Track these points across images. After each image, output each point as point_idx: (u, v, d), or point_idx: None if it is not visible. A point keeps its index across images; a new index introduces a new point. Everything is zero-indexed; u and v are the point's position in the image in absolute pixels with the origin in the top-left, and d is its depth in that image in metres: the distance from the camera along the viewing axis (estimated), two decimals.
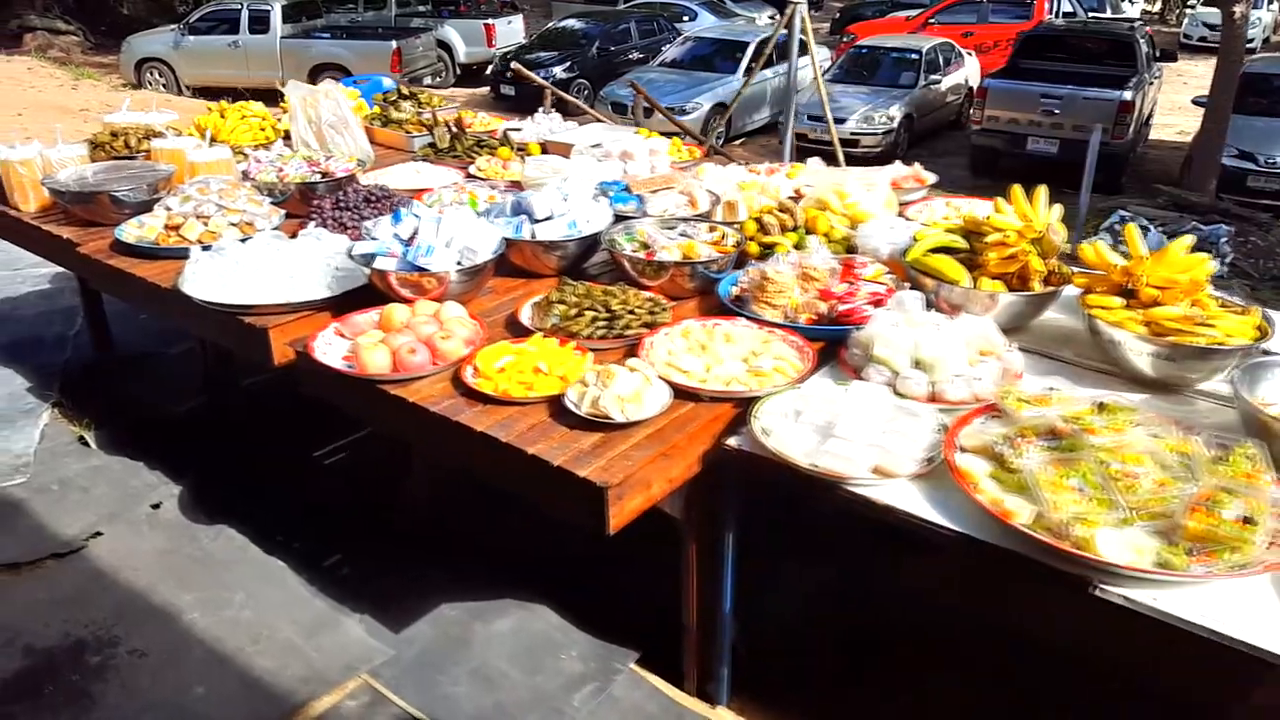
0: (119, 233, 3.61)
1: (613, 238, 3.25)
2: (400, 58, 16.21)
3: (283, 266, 3.18)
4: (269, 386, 4.46)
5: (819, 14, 28.56)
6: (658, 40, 18.78)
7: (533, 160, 4.07)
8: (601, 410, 2.34)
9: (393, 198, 3.76)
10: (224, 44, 16.18)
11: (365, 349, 2.62)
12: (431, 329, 2.77)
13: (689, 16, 21.19)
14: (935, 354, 2.49)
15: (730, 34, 16.48)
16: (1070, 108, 12.42)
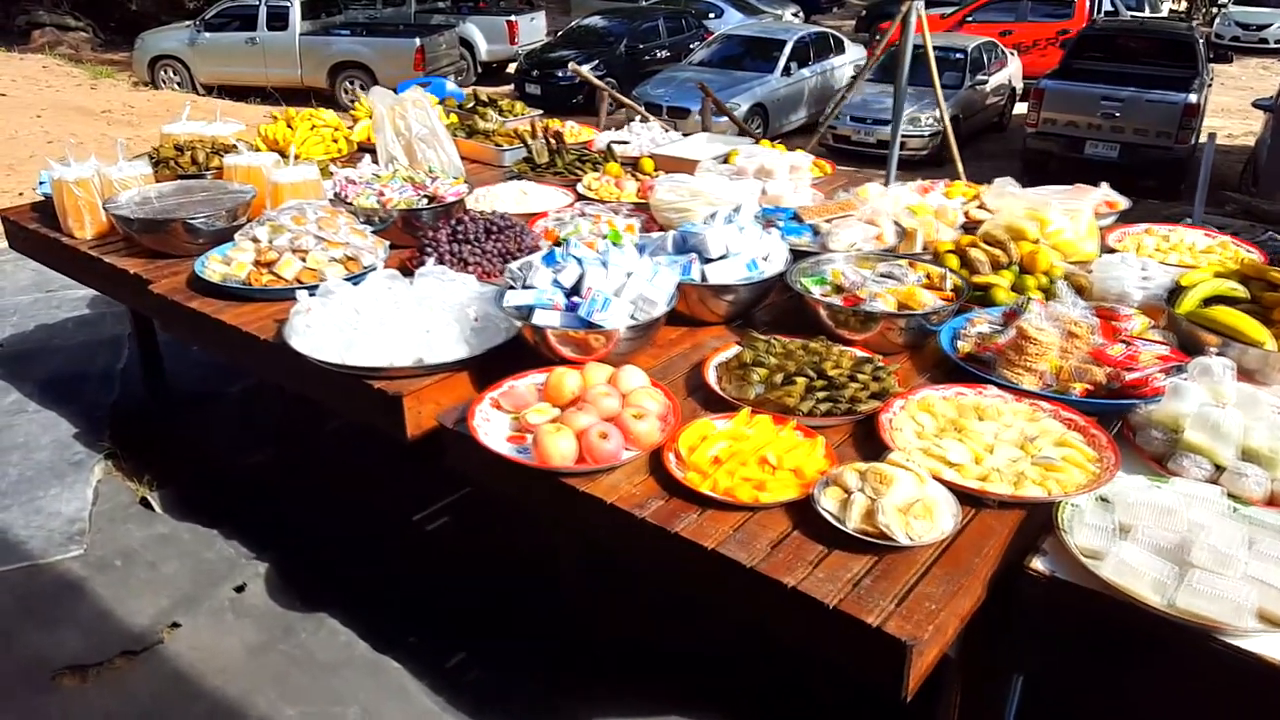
0: (199, 268, 3.09)
1: (800, 280, 2.73)
2: (424, 56, 15.69)
3: (412, 317, 2.65)
4: (353, 429, 3.94)
5: (841, 11, 28.06)
6: (686, 38, 18.29)
7: (664, 182, 3.53)
8: (879, 528, 1.81)
9: (514, 227, 3.23)
10: (241, 41, 15.63)
11: (548, 436, 2.09)
12: (614, 402, 2.24)
13: (715, 14, 20.69)
14: (1273, 443, 1.97)
15: (766, 31, 15.94)
16: (1132, 111, 11.89)
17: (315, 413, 3.97)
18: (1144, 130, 11.75)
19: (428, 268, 2.94)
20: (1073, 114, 12.11)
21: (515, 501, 2.37)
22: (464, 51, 17.86)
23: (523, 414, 2.28)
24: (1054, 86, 12.38)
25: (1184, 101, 11.41)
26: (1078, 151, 12.09)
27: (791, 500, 1.96)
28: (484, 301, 2.81)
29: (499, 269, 3.11)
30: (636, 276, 2.50)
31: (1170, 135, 11.55)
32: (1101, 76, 12.24)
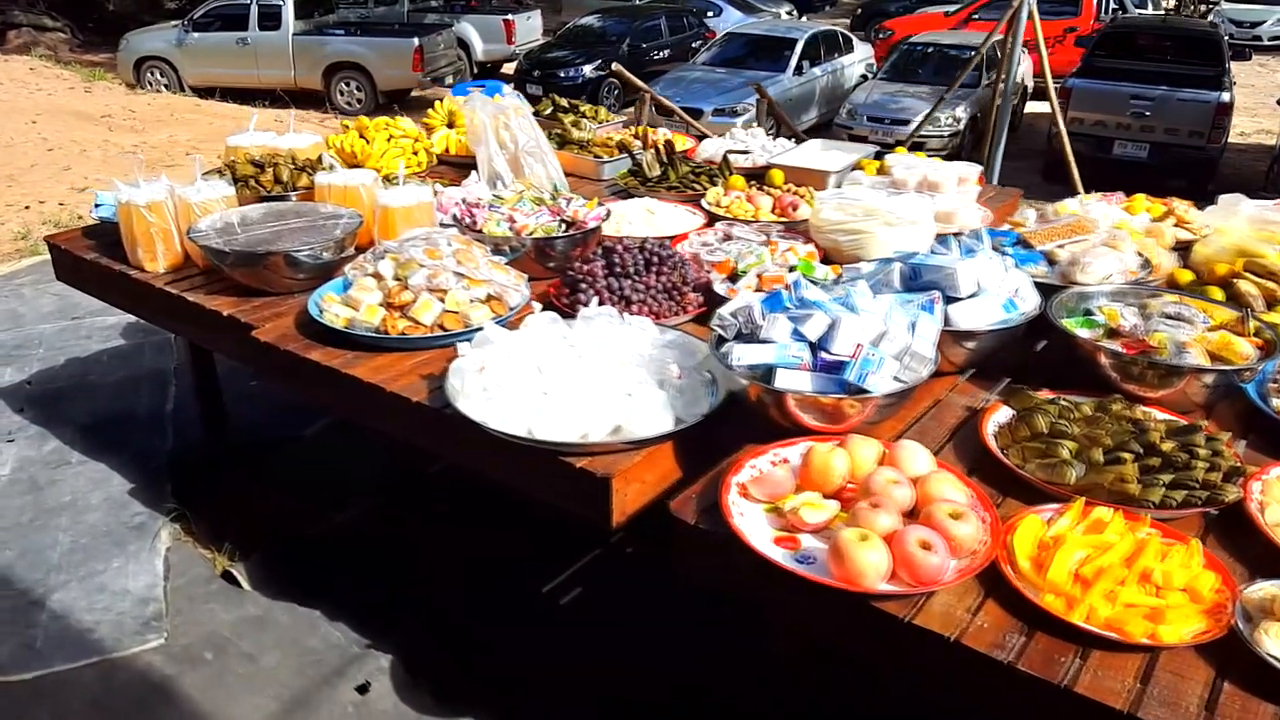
0: (314, 310, 2.59)
1: (1066, 323, 2.28)
2: (422, 56, 15.13)
3: (606, 375, 2.18)
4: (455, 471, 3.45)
5: (833, 10, 27.75)
6: (688, 37, 17.93)
7: (830, 199, 3.07)
8: None
9: (674, 256, 2.76)
10: (231, 41, 14.98)
11: (855, 548, 1.62)
12: (906, 493, 1.79)
13: (714, 12, 20.32)
14: None
15: (775, 30, 15.53)
16: (1163, 110, 11.61)
17: (411, 455, 3.48)
18: (1175, 130, 11.47)
19: (592, 309, 2.46)
20: (1101, 113, 11.82)
21: (802, 628, 1.90)
22: (460, 52, 17.31)
23: (787, 507, 1.81)
24: (1082, 85, 12.08)
25: (1217, 100, 11.14)
26: (1106, 152, 11.79)
27: (1202, 635, 1.52)
28: (680, 353, 2.35)
29: (665, 307, 2.65)
30: (896, 327, 2.04)
31: (1203, 135, 11.29)
32: (1127, 75, 11.95)
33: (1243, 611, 1.53)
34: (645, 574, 3.12)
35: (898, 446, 1.91)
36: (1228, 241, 2.82)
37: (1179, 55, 12.47)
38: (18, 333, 4.82)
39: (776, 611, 1.91)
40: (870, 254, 2.93)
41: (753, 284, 2.63)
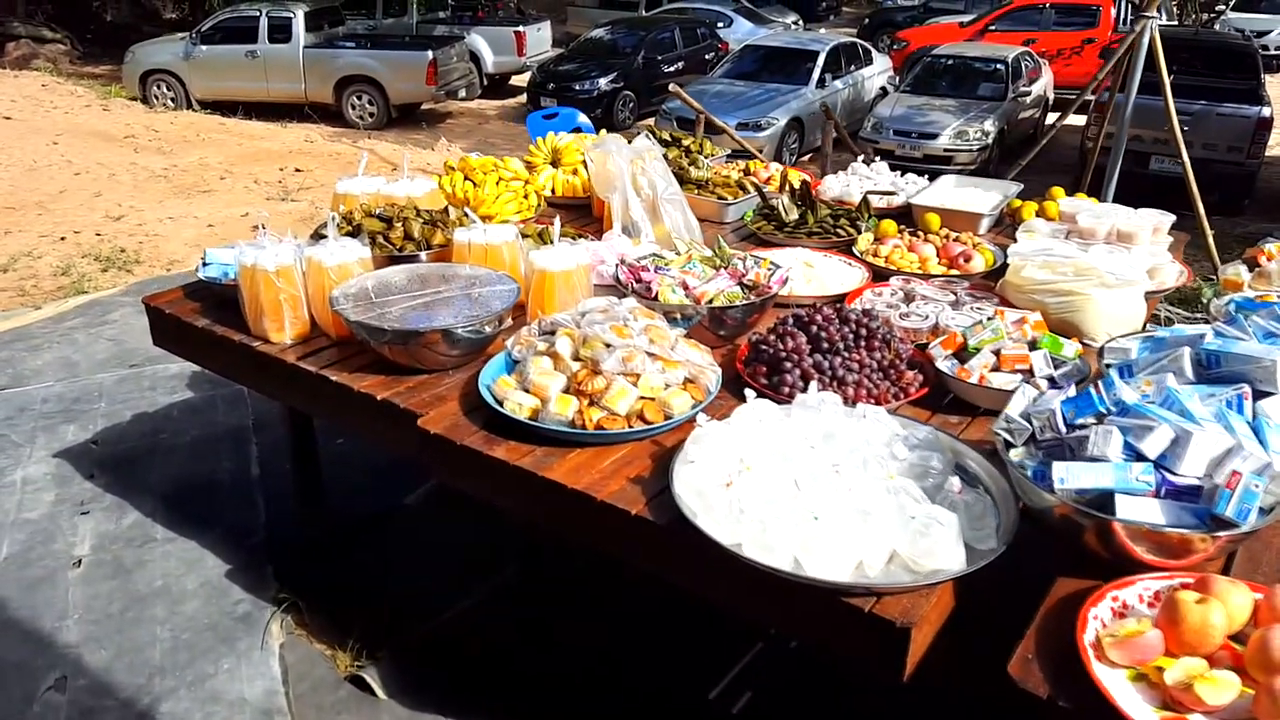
0: (488, 398, 2.26)
1: None
2: (436, 69, 14.80)
3: (871, 488, 1.86)
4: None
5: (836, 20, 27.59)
6: (701, 49, 17.72)
7: (1033, 255, 2.76)
8: None
9: (882, 327, 2.44)
10: (240, 54, 14.60)
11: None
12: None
13: (725, 23, 20.10)
14: None
15: (796, 42, 15.30)
16: (1202, 125, 11.40)
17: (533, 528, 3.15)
18: (1214, 145, 11.26)
19: (812, 395, 2.14)
20: (1138, 127, 11.59)
21: None
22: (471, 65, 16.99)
23: (1172, 681, 1.49)
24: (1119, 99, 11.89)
25: (1258, 115, 10.96)
26: (1143, 167, 11.57)
27: None
28: (937, 454, 2.03)
29: (883, 390, 2.33)
30: (1248, 440, 1.73)
31: (1242, 150, 11.10)
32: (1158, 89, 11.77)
33: None
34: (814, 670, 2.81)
35: (1278, 594, 1.60)
36: None
37: (1214, 68, 12.27)
38: (74, 384, 4.45)
39: None
40: (1085, 319, 2.64)
41: (989, 363, 2.32)
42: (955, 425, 2.29)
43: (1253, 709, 1.46)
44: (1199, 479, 1.68)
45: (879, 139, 12.61)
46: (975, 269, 3.09)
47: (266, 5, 14.78)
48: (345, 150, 10.64)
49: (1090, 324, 2.63)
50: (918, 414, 2.32)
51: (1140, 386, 1.91)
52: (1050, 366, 2.28)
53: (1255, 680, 1.49)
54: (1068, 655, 1.59)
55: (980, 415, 2.34)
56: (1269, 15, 22.30)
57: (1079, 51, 17.17)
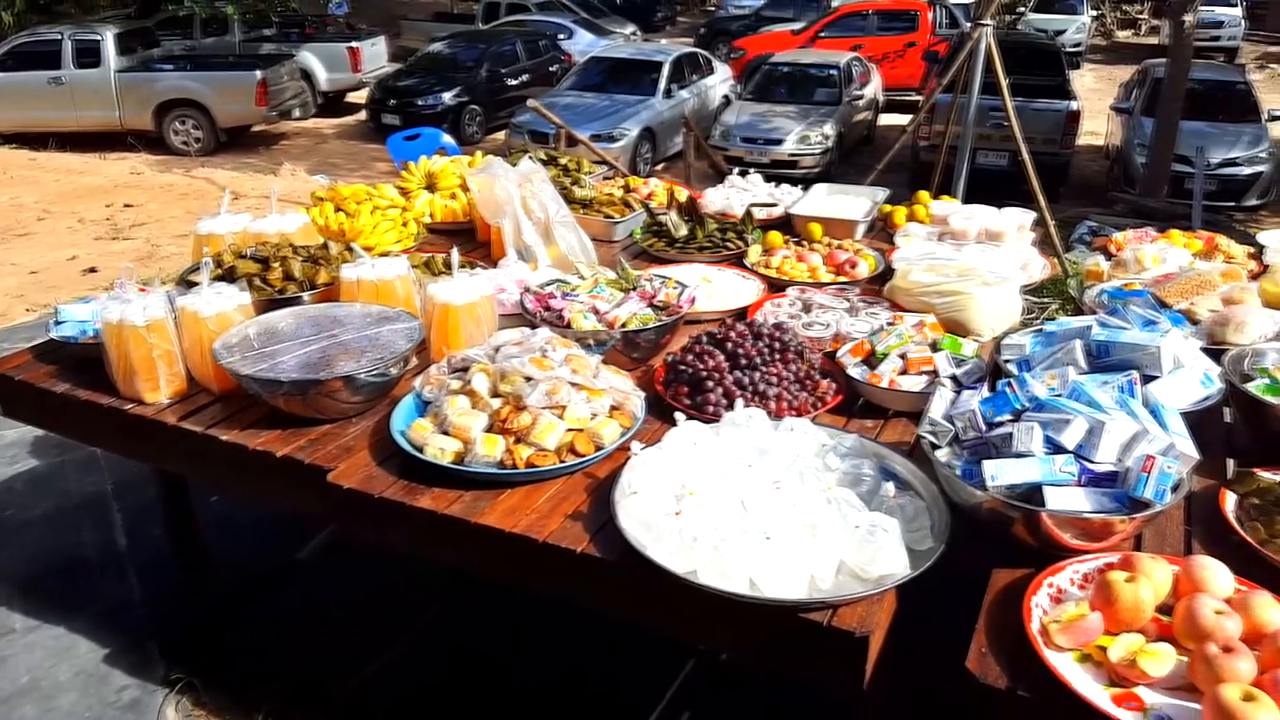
0: (404, 445, 2.15)
1: (1249, 390, 2.17)
2: (266, 89, 14.12)
3: (814, 503, 1.88)
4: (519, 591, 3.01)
5: (673, 29, 28.16)
6: (544, 61, 17.69)
7: (918, 258, 2.89)
8: None
9: (795, 339, 2.49)
10: (43, 81, 13.46)
11: (1245, 712, 1.41)
12: (1235, 624, 1.59)
13: (565, 35, 20.14)
14: None
15: (641, 53, 15.53)
16: (1020, 119, 12.26)
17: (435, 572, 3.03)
18: (1032, 139, 12.07)
19: (739, 413, 2.16)
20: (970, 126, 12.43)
21: None
22: (304, 84, 16.29)
23: (1117, 657, 1.58)
24: (946, 100, 12.67)
25: (1068, 109, 11.93)
26: (971, 162, 12.38)
27: None
28: (867, 461, 2.08)
29: (803, 401, 2.37)
30: (1152, 425, 1.86)
31: (1056, 142, 12.03)
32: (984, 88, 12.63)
33: None
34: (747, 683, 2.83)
35: (1196, 565, 1.72)
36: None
37: (1025, 67, 13.22)
38: None
39: None
40: (971, 317, 2.77)
41: (897, 367, 2.40)
42: (870, 429, 2.36)
43: (1189, 675, 1.56)
44: (1114, 465, 1.79)
45: (728, 146, 12.95)
46: (862, 274, 3.20)
47: (68, 27, 13.70)
48: (178, 181, 9.97)
49: (976, 321, 2.77)
50: (835, 421, 2.37)
51: (1046, 381, 2.02)
52: (953, 366, 2.38)
53: (1187, 648, 1.60)
54: (1017, 645, 1.65)
55: (891, 417, 2.41)
56: (1064, 16, 24.21)
57: (902, 55, 18.14)
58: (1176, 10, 11.16)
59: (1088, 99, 16.80)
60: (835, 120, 13.39)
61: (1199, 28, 21.61)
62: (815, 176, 12.88)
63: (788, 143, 12.89)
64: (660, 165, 13.95)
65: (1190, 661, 1.57)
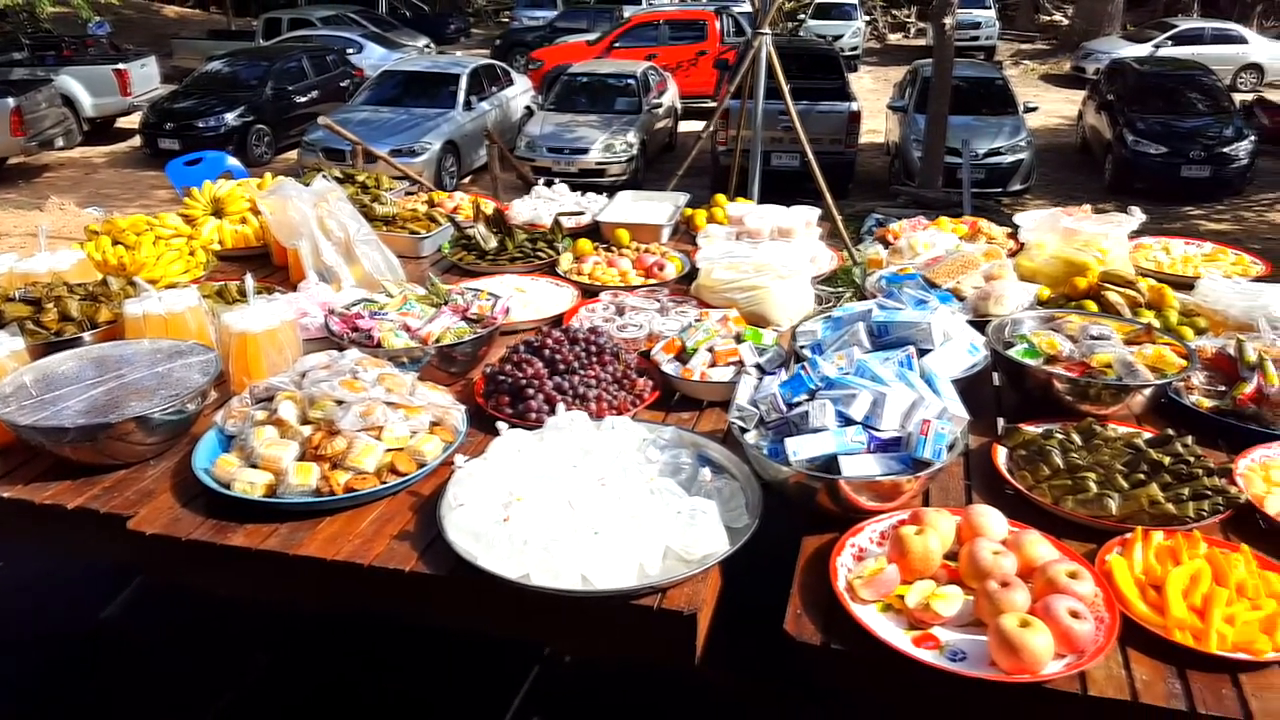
0: (208, 483, 2.05)
1: (1010, 356, 2.44)
2: (21, 118, 12.91)
3: (637, 494, 1.95)
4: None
5: (467, 41, 27.93)
6: (334, 76, 17.16)
7: (717, 258, 3.04)
8: None
9: (610, 341, 2.56)
10: None
11: (1023, 636, 1.59)
12: (1011, 563, 1.80)
13: (355, 49, 19.55)
14: None
15: (437, 66, 15.34)
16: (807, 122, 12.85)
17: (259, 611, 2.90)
18: (819, 139, 12.84)
19: (561, 417, 2.21)
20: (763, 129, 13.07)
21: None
22: (66, 110, 14.96)
23: (913, 603, 1.74)
24: (736, 105, 13.26)
25: (849, 110, 12.79)
26: (765, 164, 13.03)
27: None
28: (686, 451, 2.18)
29: (623, 400, 2.45)
30: (926, 391, 2.05)
31: (841, 141, 12.89)
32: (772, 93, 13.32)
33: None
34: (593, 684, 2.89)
35: (974, 514, 1.92)
36: (1048, 254, 3.21)
37: (808, 71, 14.04)
38: None
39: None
40: (769, 309, 2.95)
41: (706, 360, 2.52)
42: (687, 420, 2.46)
43: (976, 612, 1.74)
44: (898, 431, 1.97)
45: (534, 157, 13.01)
46: (670, 276, 3.33)
47: None
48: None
49: (774, 312, 2.95)
50: (654, 416, 2.46)
51: (835, 361, 2.20)
52: (756, 355, 2.53)
53: (972, 588, 1.79)
54: (828, 603, 1.79)
55: (706, 408, 2.53)
56: (840, 21, 25.82)
57: (695, 63, 18.83)
58: (937, 14, 12.21)
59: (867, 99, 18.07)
60: (638, 128, 13.73)
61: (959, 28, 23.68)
62: (623, 184, 13.15)
63: (593, 151, 13.12)
64: (467, 178, 13.82)
65: (975, 599, 1.75)
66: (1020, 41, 27.85)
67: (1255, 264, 3.41)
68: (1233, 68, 20.39)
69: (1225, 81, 16.99)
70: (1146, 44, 20.81)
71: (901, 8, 30.69)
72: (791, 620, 1.78)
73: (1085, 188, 13.19)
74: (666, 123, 15.85)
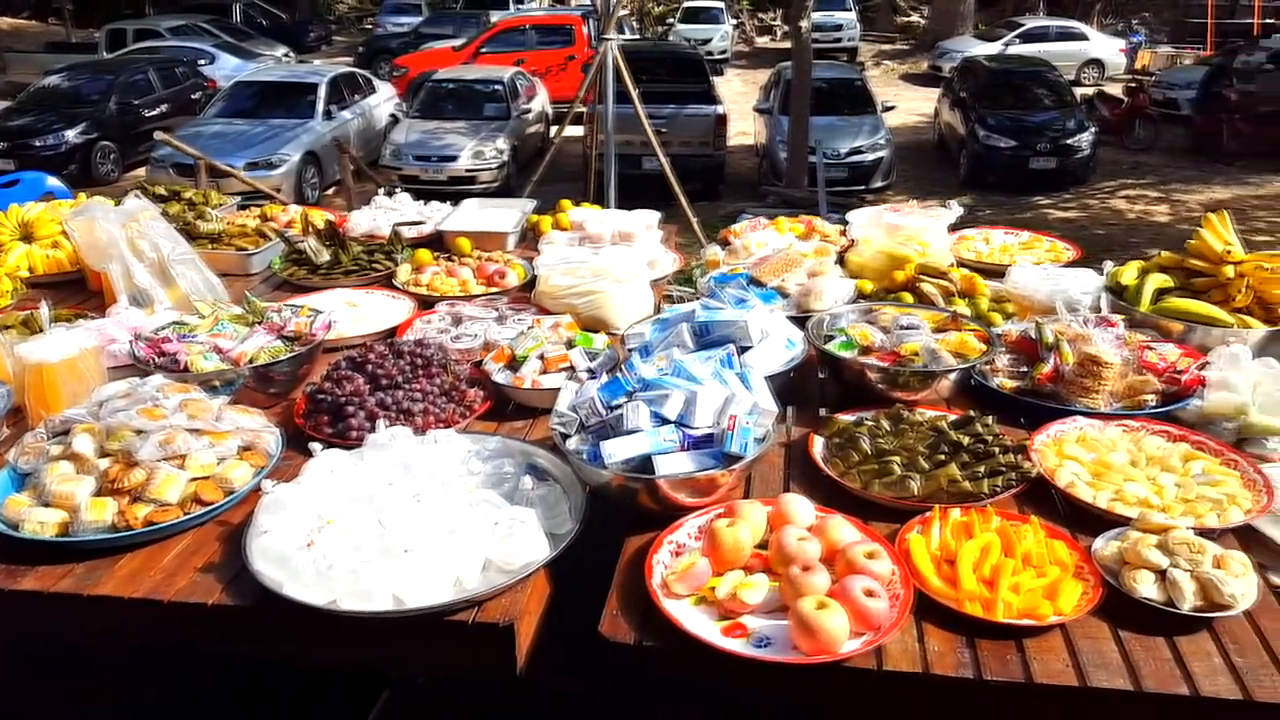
0: (2, 527, 1.92)
1: (827, 349, 2.53)
2: None
3: (453, 507, 1.93)
4: None
5: (329, 49, 27.14)
6: (185, 89, 16.47)
7: (554, 264, 3.04)
8: (1224, 600, 1.73)
9: (437, 353, 2.52)
10: None
11: (820, 618, 1.65)
12: (816, 547, 1.87)
13: (207, 60, 18.75)
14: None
15: (294, 75, 14.88)
16: (676, 125, 13.13)
17: None
18: (689, 141, 13.08)
19: (382, 433, 2.17)
20: (629, 134, 13.13)
21: None
22: None
23: (723, 594, 1.78)
24: (601, 110, 13.32)
25: (715, 113, 13.00)
26: (637, 168, 13.14)
27: (1088, 598, 1.80)
28: (511, 460, 2.17)
29: (452, 412, 2.42)
30: (738, 387, 2.10)
31: (710, 144, 13.08)
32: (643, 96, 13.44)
33: (1103, 569, 1.85)
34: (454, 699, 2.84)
35: (783, 502, 1.98)
36: (874, 249, 3.35)
37: (675, 75, 14.22)
38: None
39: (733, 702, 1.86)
40: (608, 313, 2.98)
41: (537, 368, 2.51)
42: (521, 429, 2.46)
43: (781, 598, 1.80)
44: (710, 428, 2.02)
45: (401, 165, 12.76)
46: (511, 284, 3.32)
47: None
48: None
49: (613, 316, 2.98)
50: (487, 427, 2.44)
51: (656, 363, 2.23)
52: (587, 360, 2.54)
53: (779, 574, 1.84)
54: (645, 602, 1.81)
55: (540, 415, 2.52)
56: (708, 25, 26.24)
57: (564, 68, 18.82)
58: (793, 17, 12.56)
59: (736, 102, 18.43)
60: (508, 134, 13.63)
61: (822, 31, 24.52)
62: (495, 190, 13.04)
63: (463, 158, 12.95)
64: (330, 190, 13.43)
65: (780, 584, 1.81)
66: (881, 42, 28.96)
67: (1067, 250, 3.64)
68: (1076, 63, 21.72)
69: (1069, 77, 18.14)
70: (996, 42, 21.95)
71: (768, 11, 31.47)
72: (607, 621, 1.79)
73: (943, 182, 13.79)
74: (538, 128, 15.79)
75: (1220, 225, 2.83)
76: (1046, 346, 2.54)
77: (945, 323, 2.69)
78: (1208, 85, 15.00)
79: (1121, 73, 22.37)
